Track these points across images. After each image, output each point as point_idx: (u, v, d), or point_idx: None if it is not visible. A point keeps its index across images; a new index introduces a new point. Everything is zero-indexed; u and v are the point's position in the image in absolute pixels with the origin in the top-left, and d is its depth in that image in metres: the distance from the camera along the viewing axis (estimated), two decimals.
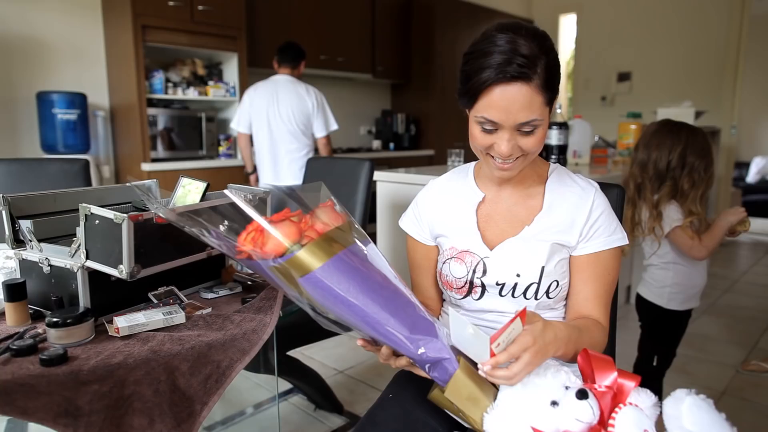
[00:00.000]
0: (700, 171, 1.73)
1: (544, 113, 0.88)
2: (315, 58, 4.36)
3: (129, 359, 0.88)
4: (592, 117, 3.92)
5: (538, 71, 0.84)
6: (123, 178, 3.53)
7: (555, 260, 0.97)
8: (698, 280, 1.84)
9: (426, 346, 0.81)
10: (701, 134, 1.77)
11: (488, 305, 1.01)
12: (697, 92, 5.19)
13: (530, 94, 0.84)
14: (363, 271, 0.83)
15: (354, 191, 1.96)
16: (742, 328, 2.96)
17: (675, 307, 1.83)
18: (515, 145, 0.89)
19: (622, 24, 5.79)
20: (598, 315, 0.98)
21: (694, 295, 1.85)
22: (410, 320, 0.82)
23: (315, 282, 0.80)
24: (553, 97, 0.88)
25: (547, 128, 0.93)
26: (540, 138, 0.90)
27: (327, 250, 0.81)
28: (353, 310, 0.80)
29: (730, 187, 5.23)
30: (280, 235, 0.80)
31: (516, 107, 0.85)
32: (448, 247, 1.04)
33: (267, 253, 0.80)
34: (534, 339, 0.77)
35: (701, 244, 1.73)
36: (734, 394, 2.21)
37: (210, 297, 1.17)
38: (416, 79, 5.15)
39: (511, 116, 0.86)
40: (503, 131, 0.88)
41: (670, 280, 1.82)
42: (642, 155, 1.82)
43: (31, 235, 1.05)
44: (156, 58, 3.50)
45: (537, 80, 0.84)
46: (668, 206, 1.77)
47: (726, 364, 2.50)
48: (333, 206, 0.89)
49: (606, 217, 0.98)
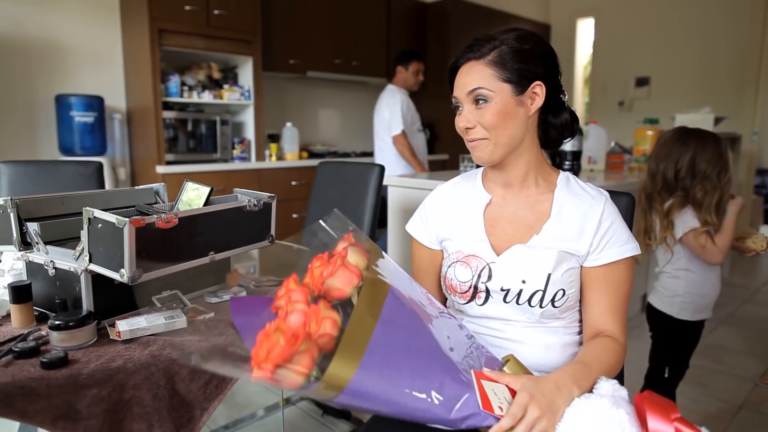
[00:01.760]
0: (712, 178, 1.69)
1: (494, 86, 0.93)
2: (329, 62, 4.38)
3: (129, 363, 0.88)
4: (609, 122, 3.88)
5: (488, 51, 0.94)
6: (139, 181, 3.58)
7: (562, 269, 0.95)
8: (710, 290, 1.79)
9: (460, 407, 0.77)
10: (713, 140, 1.72)
11: (492, 312, 1.00)
12: (717, 98, 5.09)
13: (478, 66, 0.94)
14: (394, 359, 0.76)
15: (364, 196, 1.95)
16: (762, 339, 2.89)
17: (686, 317, 1.78)
18: (472, 115, 0.96)
19: (640, 28, 5.71)
20: (614, 328, 0.96)
21: (707, 306, 1.80)
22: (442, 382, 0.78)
23: (351, 395, 0.73)
24: (510, 77, 0.93)
25: (512, 109, 0.94)
26: (494, 113, 0.93)
27: (353, 354, 0.73)
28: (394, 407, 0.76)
29: (752, 194, 5.12)
30: (292, 374, 0.71)
31: (467, 80, 0.95)
32: (455, 251, 1.03)
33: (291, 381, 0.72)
34: (530, 394, 0.78)
35: (715, 247, 1.69)
36: (752, 408, 2.15)
37: (214, 301, 1.17)
38: (430, 84, 5.13)
39: (463, 89, 0.96)
40: (463, 106, 0.97)
41: (681, 288, 1.78)
42: (652, 166, 1.80)
43: (37, 238, 1.06)
44: (172, 62, 3.54)
45: (487, 58, 0.94)
46: (682, 213, 1.73)
47: (744, 376, 2.43)
48: (352, 239, 0.88)
49: (617, 227, 0.97)
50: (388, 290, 0.84)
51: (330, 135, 4.88)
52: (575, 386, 0.82)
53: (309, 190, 3.08)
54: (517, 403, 0.77)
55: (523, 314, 0.97)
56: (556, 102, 1.00)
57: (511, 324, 0.99)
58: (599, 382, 0.82)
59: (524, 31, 0.97)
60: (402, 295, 0.85)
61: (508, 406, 0.78)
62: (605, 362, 0.90)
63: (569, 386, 0.82)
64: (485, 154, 0.97)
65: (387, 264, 0.90)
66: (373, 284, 0.83)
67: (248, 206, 1.20)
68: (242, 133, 3.88)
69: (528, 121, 0.97)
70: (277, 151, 3.98)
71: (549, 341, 0.98)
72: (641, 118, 3.97)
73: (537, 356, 0.98)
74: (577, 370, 0.86)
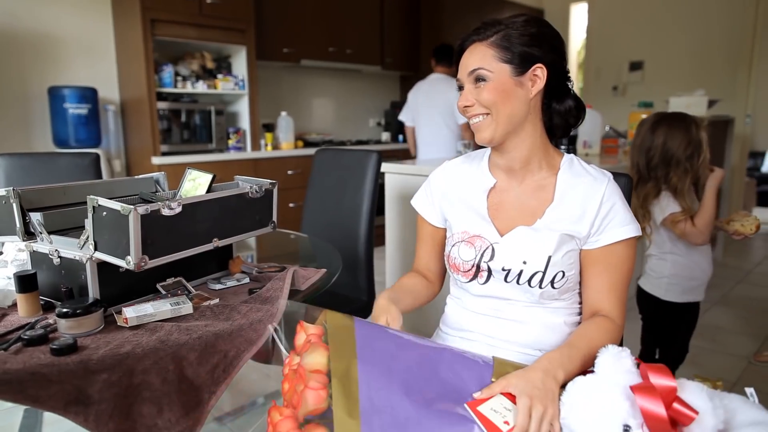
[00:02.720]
0: (683, 163, 1.69)
1: (493, 66, 0.95)
2: (323, 50, 4.36)
3: (137, 349, 0.90)
4: (604, 107, 3.88)
5: (493, 33, 0.96)
6: (134, 172, 3.57)
7: (563, 251, 0.96)
8: (698, 272, 1.80)
9: None
10: (682, 125, 1.71)
11: (493, 291, 1.01)
12: (711, 81, 5.10)
13: (481, 48, 0.96)
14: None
15: (361, 183, 1.96)
16: (755, 319, 2.93)
17: (673, 299, 1.80)
18: (470, 94, 0.98)
19: (634, 12, 5.71)
20: (611, 307, 0.97)
21: (695, 288, 1.81)
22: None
23: None
24: (511, 58, 0.95)
25: (510, 88, 0.96)
26: (491, 89, 0.95)
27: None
28: None
29: (745, 177, 5.16)
30: None
31: (469, 61, 0.98)
32: (460, 231, 1.05)
33: None
34: (528, 395, 0.79)
35: (695, 228, 1.69)
36: (747, 385, 2.19)
37: (218, 288, 1.18)
38: (425, 71, 5.10)
39: (465, 69, 0.98)
40: (465, 86, 0.99)
41: (667, 270, 1.80)
42: (631, 157, 1.83)
43: (41, 227, 1.07)
44: (165, 52, 3.51)
45: (490, 39, 0.96)
46: (660, 199, 1.74)
47: (738, 355, 2.48)
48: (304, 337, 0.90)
49: (618, 209, 0.98)
50: (356, 373, 0.84)
51: (325, 124, 4.87)
52: (560, 369, 0.85)
53: (305, 179, 3.08)
54: (521, 411, 0.78)
55: (523, 294, 0.99)
56: (561, 88, 1.00)
57: (512, 304, 1.01)
58: (599, 356, 0.83)
59: (533, 17, 0.98)
60: (371, 361, 0.86)
61: (510, 413, 0.79)
62: (596, 342, 0.90)
63: (555, 370, 0.84)
64: (487, 133, 0.98)
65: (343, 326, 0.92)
66: (339, 382, 0.83)
67: (250, 193, 1.21)
68: (237, 122, 3.87)
69: (530, 103, 0.98)
70: (272, 140, 3.98)
71: (550, 321, 1.00)
72: (635, 102, 3.99)
73: (538, 336, 1.00)
74: (563, 354, 0.88)
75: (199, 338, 0.94)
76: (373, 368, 0.84)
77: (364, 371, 0.83)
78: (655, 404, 0.72)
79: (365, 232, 1.87)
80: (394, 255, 2.56)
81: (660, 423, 0.71)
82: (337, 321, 0.90)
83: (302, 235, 1.86)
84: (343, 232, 1.91)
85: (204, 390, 0.96)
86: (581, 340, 0.92)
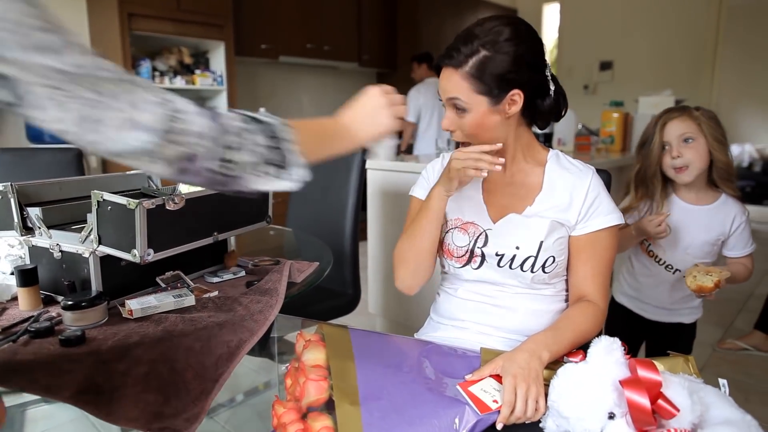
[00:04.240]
0: (638, 153, 1.56)
1: (470, 98, 0.97)
2: (301, 47, 4.37)
3: (145, 339, 0.92)
4: (576, 105, 3.97)
5: (466, 59, 0.95)
6: (110, 168, 3.51)
7: (553, 237, 1.03)
8: (646, 289, 1.56)
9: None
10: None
11: (486, 276, 1.07)
12: (677, 80, 5.30)
13: (456, 78, 0.97)
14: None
15: (346, 180, 1.99)
16: (718, 308, 3.07)
17: (620, 300, 1.63)
18: (453, 122, 1.01)
19: (604, 13, 5.87)
20: (595, 293, 1.04)
21: (635, 300, 1.59)
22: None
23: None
24: (486, 89, 0.95)
25: (489, 118, 0.98)
26: (471, 123, 0.99)
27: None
28: None
29: None
30: None
31: (446, 87, 0.99)
32: (454, 218, 1.10)
33: None
34: (512, 375, 0.86)
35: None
36: (712, 371, 2.32)
37: (215, 281, 1.21)
38: (402, 68, 5.17)
39: (444, 94, 1.01)
40: (447, 110, 1.02)
41: (624, 268, 1.64)
42: None
43: (40, 222, 1.08)
44: (142, 47, 3.47)
45: (464, 69, 0.96)
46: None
47: (704, 342, 2.60)
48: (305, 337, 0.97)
49: (602, 198, 1.05)
50: (354, 367, 0.90)
51: None
52: (545, 350, 0.92)
53: None
54: (506, 390, 0.85)
55: (515, 278, 1.05)
56: (541, 91, 1.02)
57: (502, 289, 1.07)
58: (592, 346, 0.88)
59: (509, 25, 0.96)
60: (369, 353, 0.94)
61: (499, 393, 0.86)
62: (579, 326, 0.99)
63: (540, 351, 0.91)
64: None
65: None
66: (339, 374, 0.89)
67: None
68: None
69: (508, 120, 1.02)
70: None
71: (538, 308, 1.06)
72: (606, 101, 4.12)
73: (526, 322, 1.06)
74: (547, 336, 0.95)
75: (203, 329, 0.97)
76: (369, 362, 0.91)
77: (361, 365, 0.90)
78: (641, 396, 0.79)
79: (350, 227, 1.90)
80: (376, 250, 2.60)
81: (643, 414, 0.78)
82: (332, 330, 0.99)
83: (287, 229, 1.89)
84: (328, 227, 1.94)
85: (208, 379, 0.99)
86: (566, 323, 0.99)
